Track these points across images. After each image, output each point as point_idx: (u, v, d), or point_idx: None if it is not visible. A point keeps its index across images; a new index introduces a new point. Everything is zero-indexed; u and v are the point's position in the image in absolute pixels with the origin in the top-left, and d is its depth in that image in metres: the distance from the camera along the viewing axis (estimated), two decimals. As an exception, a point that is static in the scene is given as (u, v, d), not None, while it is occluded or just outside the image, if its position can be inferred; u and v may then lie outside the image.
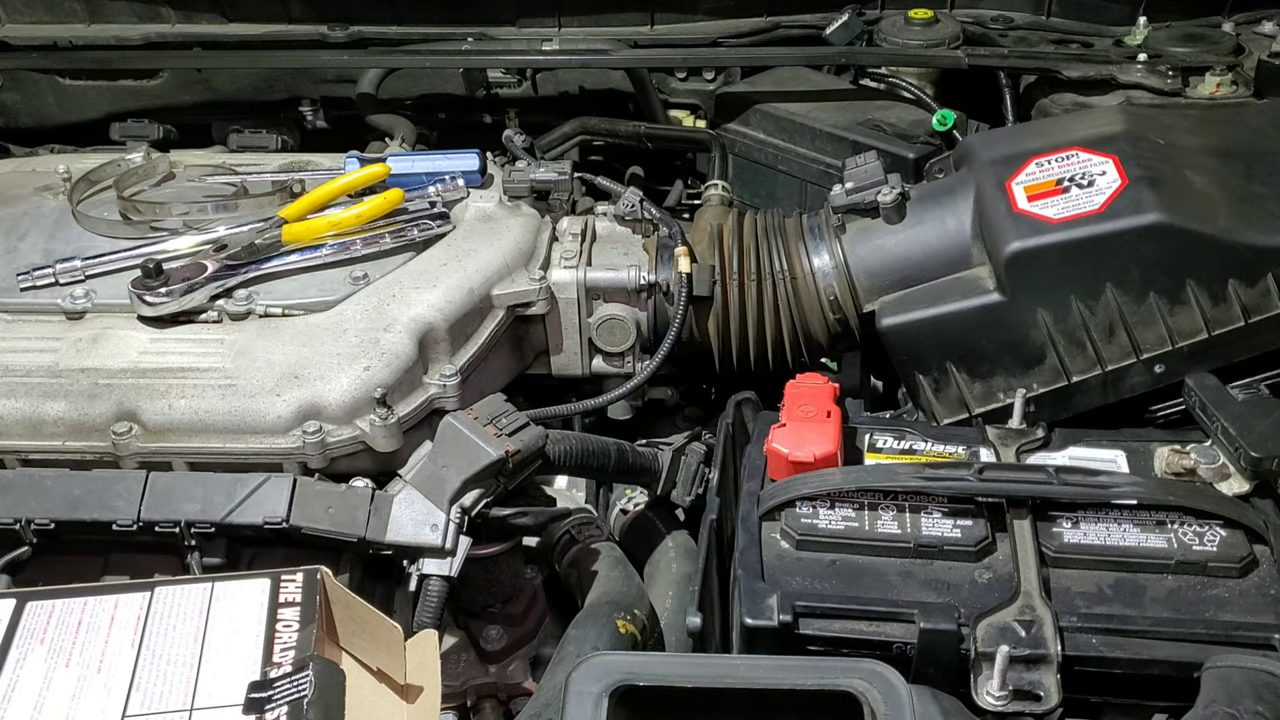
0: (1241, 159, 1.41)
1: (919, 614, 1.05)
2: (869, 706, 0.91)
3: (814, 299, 1.52)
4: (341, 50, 2.01)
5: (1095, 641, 1.04)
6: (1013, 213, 1.36)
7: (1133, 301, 1.32)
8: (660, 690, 0.94)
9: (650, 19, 2.02)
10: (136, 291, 1.41)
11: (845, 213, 1.51)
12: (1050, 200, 1.35)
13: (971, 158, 1.47)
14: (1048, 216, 1.34)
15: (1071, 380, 1.36)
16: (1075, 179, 1.36)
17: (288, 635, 1.02)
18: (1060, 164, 1.39)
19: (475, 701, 1.34)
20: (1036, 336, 1.36)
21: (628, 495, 1.64)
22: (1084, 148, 1.40)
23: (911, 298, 1.43)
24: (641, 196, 1.61)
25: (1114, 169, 1.36)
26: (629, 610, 1.30)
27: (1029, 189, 1.37)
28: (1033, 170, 1.39)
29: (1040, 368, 1.36)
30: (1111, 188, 1.34)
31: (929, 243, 1.45)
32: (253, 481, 1.20)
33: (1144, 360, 1.34)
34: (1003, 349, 1.37)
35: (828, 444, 1.19)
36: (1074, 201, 1.34)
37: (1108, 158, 1.37)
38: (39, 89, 2.12)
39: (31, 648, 1.01)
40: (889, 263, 1.47)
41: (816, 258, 1.52)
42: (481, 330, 1.48)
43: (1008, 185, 1.39)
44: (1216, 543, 1.11)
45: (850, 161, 1.54)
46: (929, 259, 1.44)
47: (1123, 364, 1.35)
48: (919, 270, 1.45)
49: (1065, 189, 1.36)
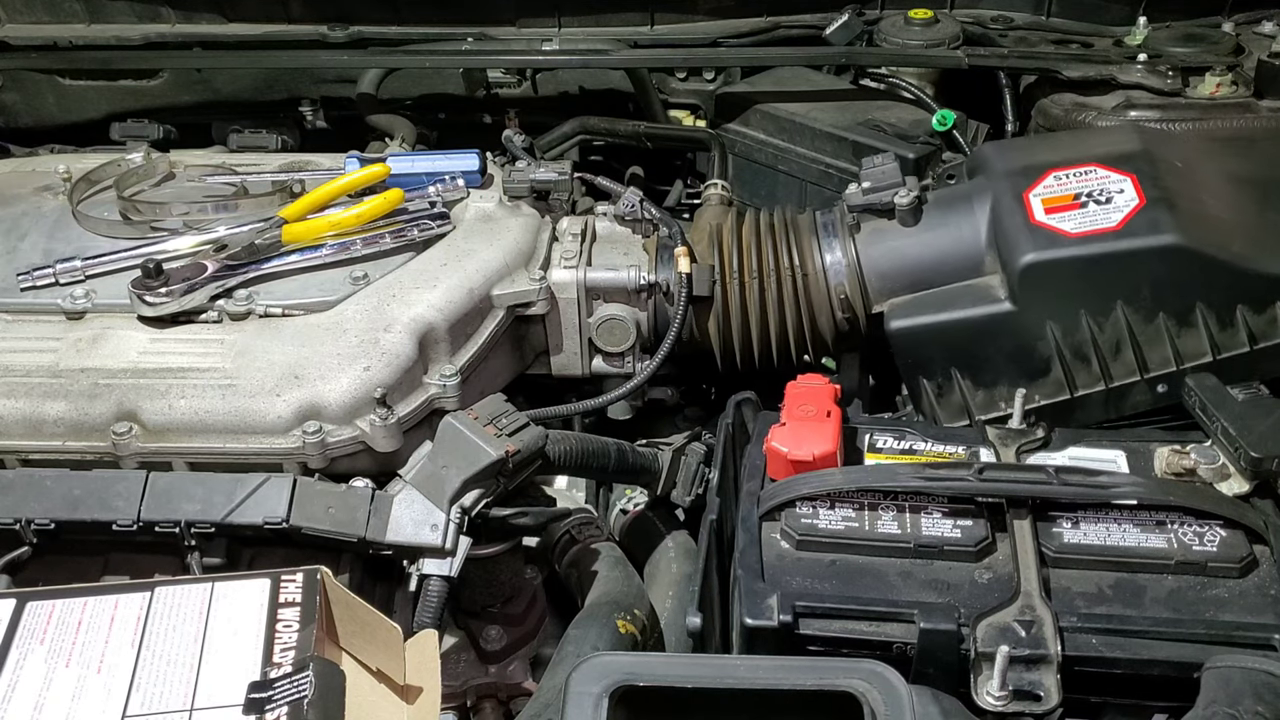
0: (1257, 186, 1.42)
1: (919, 614, 1.05)
2: (869, 707, 0.91)
3: (824, 296, 1.52)
4: (341, 50, 2.01)
5: (1095, 641, 1.04)
6: (1030, 224, 1.36)
7: (1142, 320, 1.33)
8: (660, 690, 0.94)
9: (650, 19, 2.02)
10: (136, 291, 1.41)
11: (861, 212, 1.51)
12: (1068, 214, 1.36)
13: (987, 166, 1.48)
14: (1065, 230, 1.35)
15: (1075, 394, 1.37)
16: (1093, 195, 1.37)
17: (288, 635, 1.02)
18: (1078, 179, 1.39)
19: (475, 701, 1.35)
20: (1044, 348, 1.36)
21: (628, 495, 1.64)
22: (1102, 164, 1.41)
23: (921, 301, 1.44)
24: (641, 196, 1.61)
25: (1132, 188, 1.36)
26: (629, 610, 1.30)
27: (1047, 201, 1.38)
28: (1051, 183, 1.40)
29: (1044, 380, 1.37)
30: (1129, 206, 1.35)
31: (942, 248, 1.45)
32: (253, 481, 1.20)
33: (1148, 379, 1.35)
34: (1009, 359, 1.37)
35: (827, 443, 1.19)
36: (1091, 217, 1.35)
37: (1126, 176, 1.38)
38: (39, 89, 2.12)
39: (32, 648, 1.01)
40: (901, 265, 1.48)
41: (829, 254, 1.52)
42: (481, 330, 1.48)
43: (1025, 196, 1.39)
44: (1216, 543, 1.11)
45: (867, 161, 1.55)
46: (942, 264, 1.45)
47: (1126, 381, 1.36)
48: (931, 274, 1.45)
49: (1083, 204, 1.36)
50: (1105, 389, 1.36)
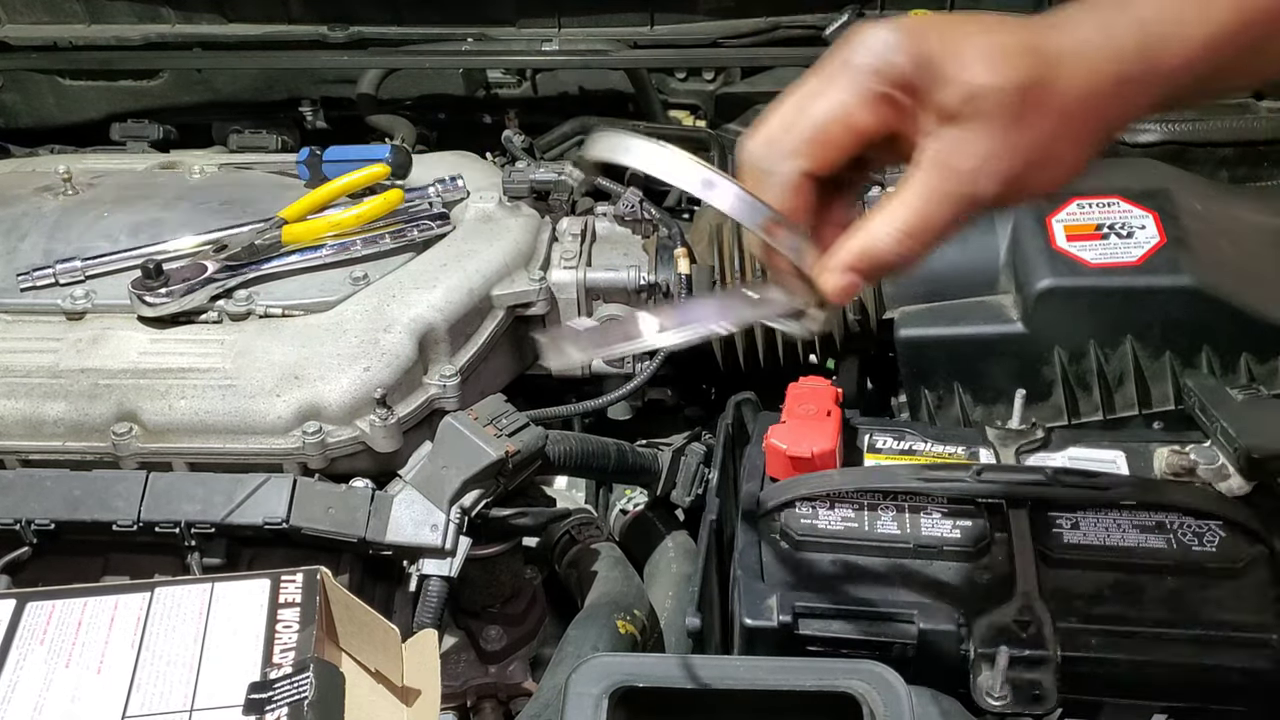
0: (1273, 234, 1.42)
1: (918, 614, 1.05)
2: (868, 708, 0.91)
3: None
4: (341, 50, 2.01)
5: (1095, 642, 1.04)
6: (1050, 249, 1.37)
7: (1149, 356, 1.34)
8: (660, 691, 0.94)
9: (650, 19, 2.02)
10: (136, 292, 1.41)
11: None
12: (1089, 244, 1.37)
13: None
14: (1085, 259, 1.35)
15: (1071, 422, 1.37)
16: (1115, 227, 1.37)
17: (287, 636, 1.02)
18: (1101, 209, 1.40)
19: (475, 702, 1.35)
20: (1048, 373, 1.37)
21: (628, 495, 1.64)
22: (1125, 198, 1.41)
23: (932, 313, 1.44)
24: (641, 197, 1.61)
25: (1154, 225, 1.37)
26: (629, 610, 1.30)
27: (1069, 228, 1.38)
28: (1074, 210, 1.40)
29: (1044, 404, 1.38)
30: (1150, 243, 1.35)
31: (958, 262, 1.45)
32: (253, 482, 1.20)
33: (1145, 415, 1.35)
34: (1012, 378, 1.38)
35: (827, 441, 1.19)
36: (1112, 249, 1.36)
37: (1149, 213, 1.39)
38: (39, 89, 2.12)
39: (31, 648, 1.01)
40: (917, 274, 1.48)
41: None
42: (481, 331, 1.48)
43: (1048, 221, 1.40)
44: (1216, 543, 1.11)
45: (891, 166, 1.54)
46: (957, 277, 1.45)
47: (1124, 414, 1.36)
48: (944, 287, 1.45)
49: (1104, 235, 1.37)
50: (1103, 419, 1.37)
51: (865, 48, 0.74)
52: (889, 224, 0.77)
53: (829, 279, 0.78)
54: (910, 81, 0.73)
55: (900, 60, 0.73)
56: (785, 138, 0.77)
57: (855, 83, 0.74)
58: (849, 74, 0.75)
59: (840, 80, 0.75)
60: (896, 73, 0.73)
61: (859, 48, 0.74)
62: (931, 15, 0.80)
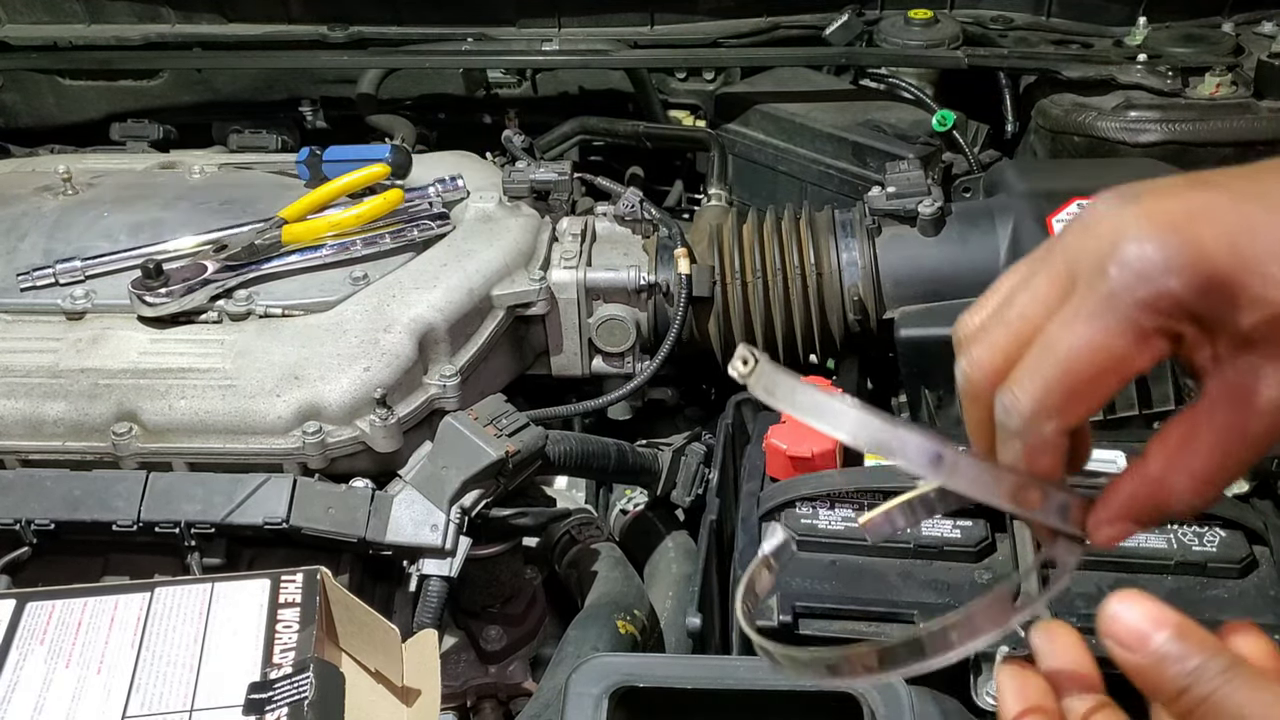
0: None
1: (919, 614, 1.05)
2: (869, 708, 0.91)
3: (837, 295, 1.52)
4: (341, 50, 2.01)
5: (1095, 642, 1.04)
6: None
7: None
8: (660, 691, 0.94)
9: (650, 19, 2.02)
10: (136, 292, 1.41)
11: (883, 216, 1.52)
12: None
13: (1007, 186, 1.48)
14: None
15: None
16: None
17: (288, 636, 1.02)
18: None
19: (475, 702, 1.35)
20: None
21: (628, 495, 1.64)
22: None
23: (933, 313, 1.44)
24: (641, 196, 1.61)
25: None
26: (629, 610, 1.30)
27: None
28: (1074, 210, 1.40)
29: None
30: None
31: (959, 262, 1.45)
32: (253, 482, 1.20)
33: (1145, 415, 1.35)
34: None
35: (826, 441, 1.19)
36: None
37: None
38: (39, 89, 2.12)
39: (31, 648, 1.01)
40: (918, 273, 1.48)
41: (845, 254, 1.52)
42: (481, 330, 1.48)
43: (1049, 221, 1.40)
44: (1216, 543, 1.11)
45: (891, 166, 1.55)
46: (958, 277, 1.45)
47: (1124, 414, 1.36)
48: (945, 287, 1.45)
49: None
50: (1102, 419, 1.36)
51: (1128, 269, 0.56)
52: (1184, 472, 0.60)
53: (1105, 534, 0.64)
54: (1195, 312, 0.56)
55: (1177, 287, 0.55)
56: (1033, 386, 0.60)
57: (1122, 319, 0.56)
58: (1110, 306, 0.56)
59: (1097, 310, 0.57)
60: (1175, 303, 0.56)
61: (1118, 269, 0.56)
62: (1188, 188, 0.58)
